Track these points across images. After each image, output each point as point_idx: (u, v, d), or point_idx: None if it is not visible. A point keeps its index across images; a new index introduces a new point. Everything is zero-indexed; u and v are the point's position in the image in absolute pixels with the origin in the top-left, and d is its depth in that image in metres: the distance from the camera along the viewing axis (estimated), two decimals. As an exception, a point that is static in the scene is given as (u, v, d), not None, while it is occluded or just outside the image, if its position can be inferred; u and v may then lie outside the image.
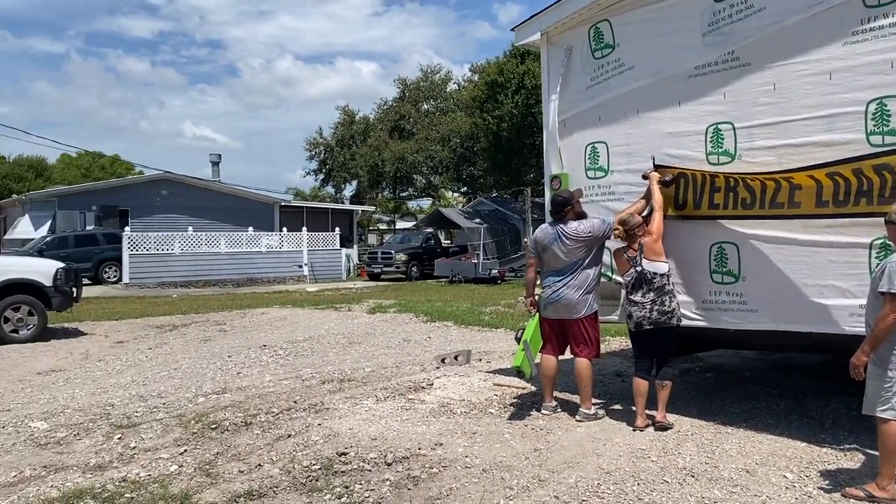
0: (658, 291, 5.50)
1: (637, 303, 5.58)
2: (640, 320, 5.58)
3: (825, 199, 4.89)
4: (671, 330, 5.57)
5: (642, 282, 5.55)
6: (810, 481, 4.37)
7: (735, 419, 5.80)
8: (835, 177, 4.80)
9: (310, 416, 6.11)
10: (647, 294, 5.53)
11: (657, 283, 5.51)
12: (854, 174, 4.72)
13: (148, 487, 4.60)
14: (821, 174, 4.86)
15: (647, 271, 5.54)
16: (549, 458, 4.90)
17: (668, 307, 5.51)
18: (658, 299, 5.50)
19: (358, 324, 13.26)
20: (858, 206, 4.75)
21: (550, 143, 6.64)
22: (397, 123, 42.76)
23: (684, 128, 5.74)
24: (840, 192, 4.81)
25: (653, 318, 5.51)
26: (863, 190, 4.71)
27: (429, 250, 28.52)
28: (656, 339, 5.60)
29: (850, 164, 4.72)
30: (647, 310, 5.52)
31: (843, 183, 4.78)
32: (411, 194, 46.10)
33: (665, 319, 5.51)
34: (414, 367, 8.53)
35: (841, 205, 4.83)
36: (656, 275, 5.52)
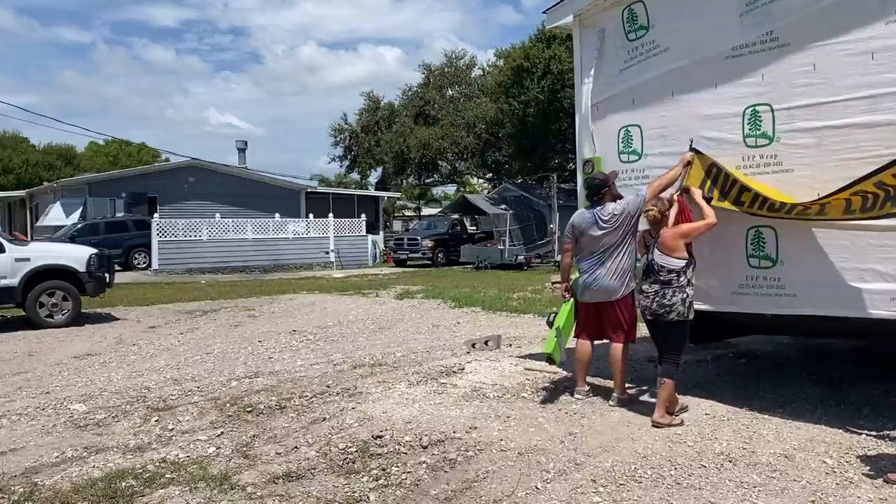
0: (663, 284, 5.31)
1: (643, 291, 5.47)
2: (642, 309, 5.52)
3: (853, 208, 4.80)
4: (671, 325, 5.34)
5: (650, 271, 5.41)
6: (851, 467, 4.33)
7: (771, 405, 5.75)
8: (860, 193, 4.72)
9: (343, 400, 6.15)
10: (652, 284, 5.38)
11: (663, 276, 5.31)
12: (877, 187, 4.62)
13: (188, 468, 4.67)
14: (845, 195, 4.76)
15: (655, 262, 5.37)
16: (584, 442, 4.90)
17: (668, 300, 5.28)
18: (661, 291, 5.31)
19: (386, 309, 13.32)
20: (884, 209, 4.68)
21: (583, 126, 6.59)
22: (422, 109, 42.65)
23: (721, 110, 5.65)
24: (868, 203, 4.73)
25: (652, 308, 5.37)
26: (890, 195, 4.62)
27: (455, 237, 28.53)
28: (658, 330, 5.48)
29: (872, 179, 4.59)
30: (649, 300, 5.39)
31: (871, 197, 4.70)
32: (436, 181, 46.05)
33: (663, 312, 5.31)
34: (444, 351, 8.55)
35: (868, 211, 4.76)
36: (663, 268, 5.31)
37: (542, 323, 11.13)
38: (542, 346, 8.66)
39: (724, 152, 5.63)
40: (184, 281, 21.57)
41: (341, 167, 48.23)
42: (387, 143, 40.29)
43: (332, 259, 27.00)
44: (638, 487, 4.10)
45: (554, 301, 13.92)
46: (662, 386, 5.30)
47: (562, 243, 6.30)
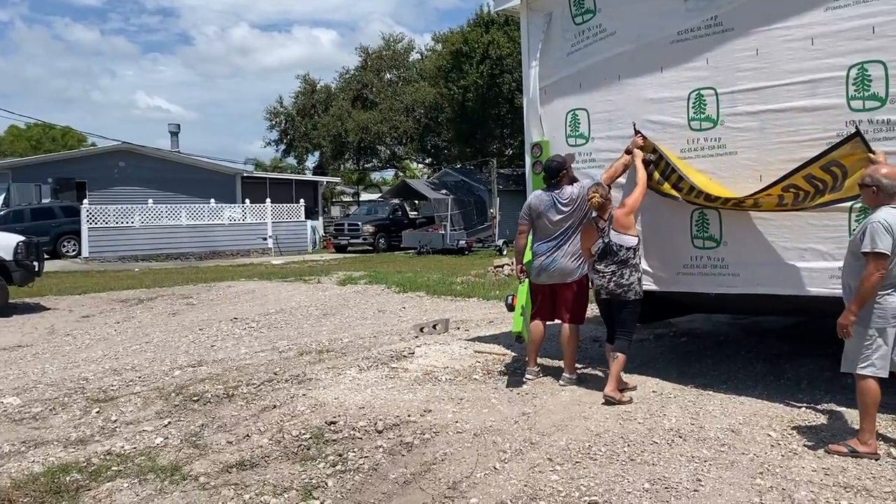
0: (620, 264, 5.45)
1: (599, 271, 5.55)
2: (598, 289, 5.61)
3: (786, 202, 5.00)
4: (628, 303, 5.52)
5: (607, 253, 5.49)
6: (794, 439, 4.49)
7: (715, 381, 5.92)
8: (790, 189, 4.91)
9: (293, 387, 6.06)
10: (609, 265, 5.48)
11: (622, 255, 5.44)
12: (807, 181, 4.81)
13: (135, 460, 4.54)
14: (776, 190, 4.95)
15: (613, 243, 5.47)
16: (537, 421, 4.95)
17: (626, 280, 5.44)
18: (618, 271, 5.45)
19: (329, 296, 13.19)
20: (814, 201, 4.88)
21: (531, 110, 6.61)
22: (360, 93, 42.22)
23: (666, 94, 5.75)
24: (799, 197, 4.92)
25: (609, 288, 5.49)
26: (819, 189, 4.82)
27: (396, 222, 28.43)
28: (612, 308, 5.63)
29: (801, 172, 4.80)
30: (605, 279, 5.50)
31: (802, 193, 4.89)
32: (375, 165, 45.75)
33: (621, 292, 5.46)
34: (392, 336, 8.51)
35: (799, 204, 4.95)
36: (622, 247, 5.45)
37: (487, 306, 11.22)
38: (490, 328, 8.75)
39: (669, 136, 5.74)
40: (116, 269, 20.90)
41: (277, 151, 47.47)
42: (324, 126, 39.75)
43: (270, 245, 26.58)
44: (593, 464, 4.16)
45: (497, 285, 14.03)
46: (616, 361, 5.41)
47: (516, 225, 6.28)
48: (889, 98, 4.68)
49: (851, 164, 4.63)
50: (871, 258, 4.00)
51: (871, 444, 4.12)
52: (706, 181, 5.47)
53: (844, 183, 4.68)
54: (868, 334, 4.12)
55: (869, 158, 4.47)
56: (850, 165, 4.64)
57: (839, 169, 4.69)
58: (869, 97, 4.76)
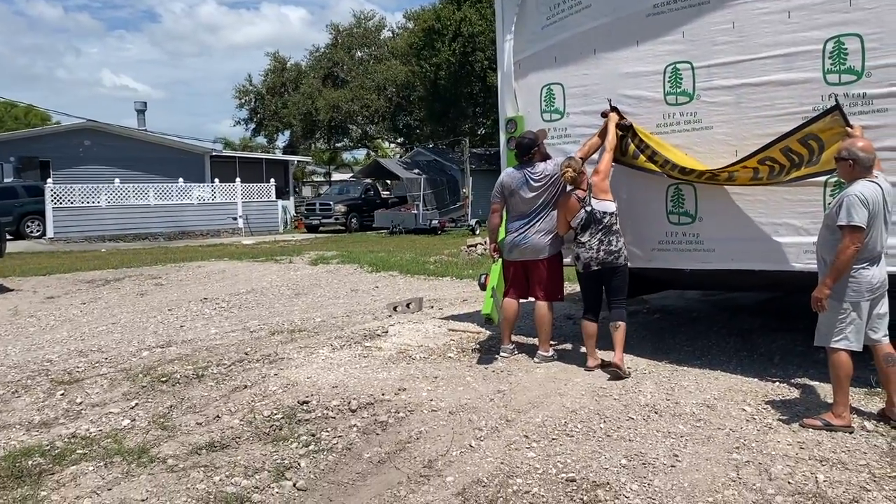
0: (605, 231, 5.48)
1: (584, 243, 5.53)
2: (587, 261, 5.55)
3: (760, 176, 4.98)
4: (619, 269, 5.56)
5: (591, 222, 5.49)
6: (769, 413, 4.50)
7: (689, 357, 5.93)
8: (766, 162, 4.89)
9: (264, 367, 5.95)
10: (594, 234, 5.49)
11: (606, 221, 5.48)
12: (784, 154, 4.80)
13: (101, 443, 4.41)
14: (752, 163, 4.93)
15: (596, 211, 5.49)
16: (513, 399, 4.90)
17: (615, 247, 5.49)
18: (605, 239, 5.48)
19: (301, 275, 13.03)
20: (789, 175, 4.86)
21: (505, 85, 6.51)
22: (330, 71, 41.64)
23: (642, 68, 5.69)
24: (774, 171, 4.91)
25: (600, 258, 5.50)
26: (795, 163, 4.80)
27: (368, 201, 28.21)
28: (605, 279, 5.61)
29: (778, 145, 4.79)
30: (594, 250, 5.49)
31: (777, 167, 4.88)
32: (346, 145, 45.29)
33: (612, 259, 5.50)
34: (365, 315, 8.42)
35: (774, 177, 4.94)
36: (606, 213, 5.49)
37: (461, 285, 11.16)
38: (464, 307, 8.69)
39: (645, 110, 5.68)
40: (82, 249, 20.48)
41: (246, 130, 46.72)
42: (294, 105, 39.16)
43: (240, 225, 26.24)
44: (570, 441, 4.13)
45: (470, 264, 13.98)
46: (618, 329, 5.47)
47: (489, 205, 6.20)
48: (865, 72, 4.66)
49: (828, 137, 4.61)
50: (847, 231, 3.99)
51: (844, 417, 4.14)
52: (681, 155, 5.43)
53: (821, 157, 4.67)
54: (842, 308, 4.11)
55: (846, 133, 4.46)
56: (828, 139, 4.62)
57: (816, 143, 4.67)
58: (845, 71, 4.74)
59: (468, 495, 3.48)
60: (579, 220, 5.54)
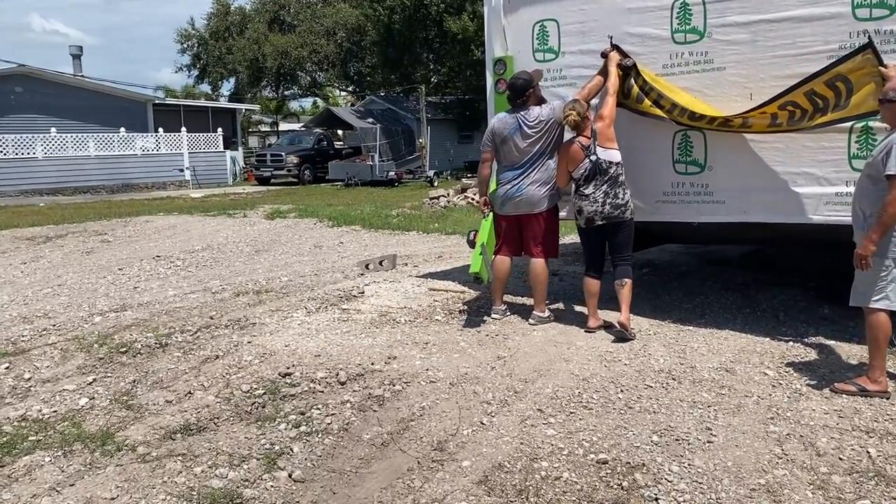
0: (612, 183, 5.04)
1: (588, 196, 5.08)
2: (591, 215, 5.12)
3: (780, 121, 4.59)
4: (625, 224, 5.13)
5: (596, 172, 5.04)
6: (793, 377, 4.19)
7: (691, 316, 5.61)
8: (787, 107, 4.50)
9: (234, 334, 5.42)
10: (600, 186, 5.05)
11: (612, 172, 5.04)
12: (808, 98, 4.40)
13: (56, 427, 3.88)
14: (772, 108, 4.54)
15: (602, 160, 5.03)
16: (515, 366, 4.50)
17: (621, 199, 5.07)
18: (612, 191, 5.04)
19: (258, 230, 12.39)
20: (813, 120, 4.48)
21: (493, 21, 5.95)
22: (277, 15, 39.99)
23: (647, 3, 5.21)
24: (795, 117, 4.52)
25: (605, 212, 5.07)
26: (819, 107, 4.42)
27: (322, 152, 27.27)
28: (609, 234, 5.19)
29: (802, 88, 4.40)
30: (598, 203, 5.06)
31: (799, 112, 4.49)
32: (295, 93, 43.85)
33: (618, 214, 5.07)
34: (335, 274, 7.90)
35: (796, 124, 4.56)
36: (612, 163, 5.05)
37: (430, 240, 10.72)
38: (440, 264, 8.24)
39: (650, 50, 5.22)
40: (18, 204, 19.31)
41: (189, 77, 44.77)
42: (240, 50, 37.51)
43: (187, 178, 25.14)
44: (589, 415, 3.75)
45: (435, 217, 13.50)
46: (624, 287, 5.11)
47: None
48: (900, 6, 4.27)
49: (858, 79, 4.23)
50: None
51: (881, 382, 3.85)
52: (690, 99, 5.00)
53: (850, 101, 4.29)
54: (885, 265, 3.78)
55: (880, 73, 4.08)
56: (857, 81, 4.24)
57: (844, 85, 4.29)
58: (877, 4, 4.34)
59: (492, 484, 3.08)
60: (583, 171, 5.08)
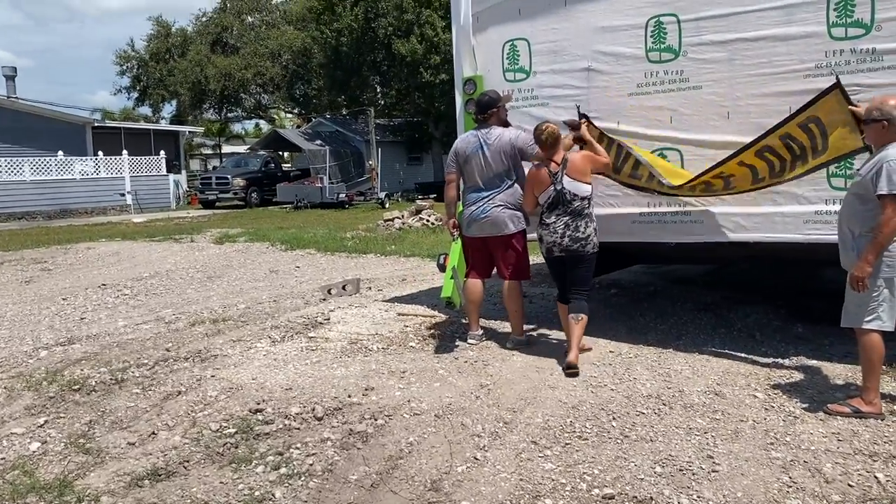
0: (574, 215, 4.80)
1: (548, 225, 4.87)
2: (550, 245, 4.90)
3: (762, 176, 4.55)
4: (585, 258, 4.89)
5: (559, 202, 4.82)
6: (784, 399, 4.11)
7: (668, 337, 5.52)
8: (765, 154, 4.47)
9: (196, 367, 5.11)
10: (561, 217, 4.82)
11: (577, 205, 4.81)
12: (782, 142, 4.40)
13: (5, 476, 3.53)
14: (750, 157, 4.50)
15: (567, 190, 4.80)
16: (501, 395, 4.32)
17: (582, 233, 4.82)
18: (573, 223, 4.81)
19: (208, 256, 11.98)
20: (794, 171, 4.47)
21: (462, 40, 5.82)
22: (219, 37, 39.38)
23: (620, 21, 5.15)
24: (775, 169, 4.49)
25: (564, 244, 4.82)
26: (797, 154, 4.40)
27: (269, 174, 26.75)
28: (568, 266, 4.95)
29: (777, 132, 4.39)
30: (558, 234, 4.83)
31: (777, 160, 4.46)
32: (239, 115, 43.18)
33: (578, 247, 4.83)
34: (296, 300, 7.62)
35: (777, 176, 4.53)
36: (577, 196, 4.81)
37: (389, 262, 10.50)
38: (404, 287, 8.03)
39: (624, 69, 5.16)
40: (-52, 232, 18.34)
41: (129, 99, 43.68)
42: (182, 72, 36.76)
43: (128, 202, 24.33)
44: (586, 445, 3.59)
45: (391, 239, 13.28)
46: (578, 324, 4.80)
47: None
48: (875, 25, 4.28)
49: (830, 120, 4.23)
50: (889, 201, 3.59)
51: (875, 404, 3.79)
52: (668, 166, 4.96)
53: (828, 143, 4.30)
54: (877, 285, 3.74)
55: (851, 112, 4.10)
56: (829, 122, 4.25)
57: (817, 127, 4.31)
58: (852, 24, 4.35)
59: (497, 527, 2.88)
60: (547, 198, 4.87)
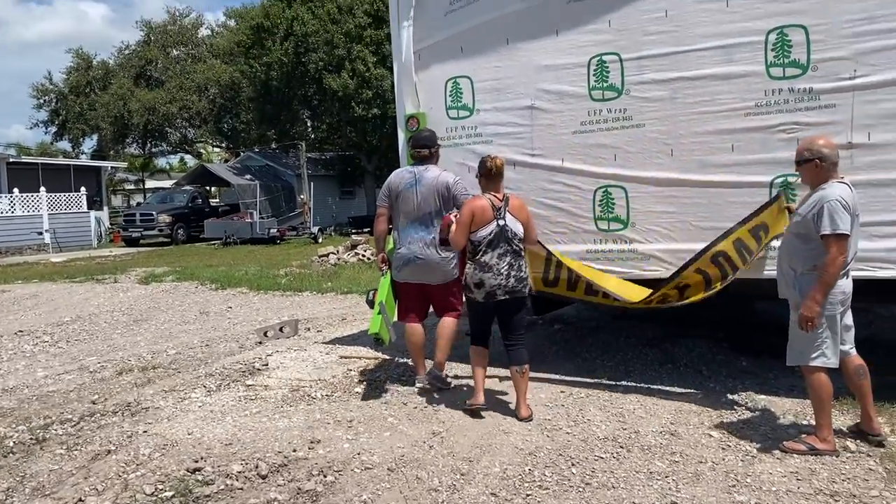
0: (515, 255, 4.61)
1: (491, 267, 4.52)
2: (493, 289, 4.54)
3: (714, 284, 4.62)
4: (524, 299, 4.72)
5: (501, 240, 4.56)
6: (739, 438, 4.09)
7: (616, 374, 5.48)
8: (718, 259, 4.55)
9: (125, 422, 4.77)
10: (504, 256, 4.54)
11: (517, 245, 4.63)
12: (735, 247, 4.50)
13: None
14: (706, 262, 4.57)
15: (509, 228, 4.58)
16: (454, 443, 4.16)
17: (524, 273, 4.66)
18: (516, 263, 4.58)
19: (134, 297, 11.45)
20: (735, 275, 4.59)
21: (404, 77, 5.74)
22: (143, 70, 38.41)
23: (563, 60, 5.16)
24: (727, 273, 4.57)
25: (509, 285, 4.54)
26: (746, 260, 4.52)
27: (196, 210, 25.98)
28: (507, 311, 4.66)
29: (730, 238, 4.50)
30: (503, 276, 4.53)
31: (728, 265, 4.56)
32: (164, 150, 42.03)
33: (521, 288, 4.61)
34: (230, 344, 7.29)
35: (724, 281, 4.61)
36: (516, 235, 4.63)
37: (327, 301, 10.24)
38: (345, 327, 7.80)
39: (568, 107, 5.17)
40: None
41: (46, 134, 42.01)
42: (103, 106, 35.56)
43: (47, 241, 23.19)
44: (548, 496, 3.46)
45: (328, 275, 13.00)
46: (523, 375, 4.59)
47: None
48: (811, 65, 4.40)
49: (774, 224, 4.40)
50: (833, 240, 3.64)
51: (829, 441, 3.80)
52: (618, 283, 5.03)
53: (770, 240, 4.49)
54: (819, 324, 3.76)
55: (788, 209, 4.25)
56: (773, 225, 4.40)
57: (764, 232, 4.48)
58: (790, 64, 4.46)
59: (464, 593, 2.70)
60: (488, 234, 4.54)
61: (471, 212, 4.58)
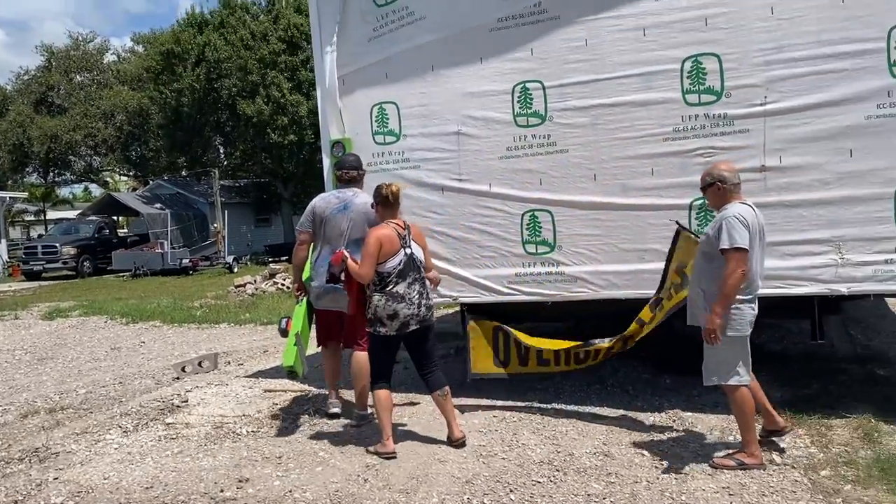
0: (422, 282, 4.50)
1: (403, 297, 4.36)
2: (407, 319, 4.38)
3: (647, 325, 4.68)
4: (433, 326, 4.64)
5: (410, 268, 4.41)
6: (671, 456, 4.15)
7: (546, 396, 5.51)
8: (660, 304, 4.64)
9: (33, 469, 4.46)
10: (413, 285, 4.41)
11: (421, 272, 4.52)
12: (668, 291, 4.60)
13: None
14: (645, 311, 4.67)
15: (416, 257, 4.46)
16: (390, 474, 4.06)
17: (431, 300, 4.61)
18: (424, 291, 4.46)
19: (37, 333, 10.85)
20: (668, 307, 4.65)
21: (328, 103, 5.65)
22: (44, 96, 36.74)
23: (488, 87, 5.22)
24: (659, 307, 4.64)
25: (421, 314, 4.42)
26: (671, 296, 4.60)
27: (103, 241, 24.88)
28: (420, 340, 4.54)
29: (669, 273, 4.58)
30: (415, 305, 4.39)
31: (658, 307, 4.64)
32: (68, 179, 40.19)
33: (430, 315, 4.52)
34: (145, 380, 6.96)
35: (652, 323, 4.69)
36: (421, 262, 4.53)
37: (246, 332, 9.95)
38: (267, 360, 7.57)
39: (494, 133, 5.23)
40: None
41: (-64, 163, 39.48)
42: (1, 134, 33.84)
43: (-63, 276, 21.77)
44: (488, 525, 3.41)
45: (245, 306, 12.66)
46: (447, 398, 4.51)
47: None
48: (725, 92, 4.60)
49: (687, 259, 4.41)
50: (732, 254, 3.77)
51: (757, 455, 3.90)
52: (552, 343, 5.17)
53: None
54: (729, 344, 3.88)
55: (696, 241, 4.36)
56: (687, 261, 4.43)
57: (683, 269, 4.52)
58: (705, 91, 4.64)
59: None
60: (398, 264, 4.37)
61: (378, 242, 4.36)
